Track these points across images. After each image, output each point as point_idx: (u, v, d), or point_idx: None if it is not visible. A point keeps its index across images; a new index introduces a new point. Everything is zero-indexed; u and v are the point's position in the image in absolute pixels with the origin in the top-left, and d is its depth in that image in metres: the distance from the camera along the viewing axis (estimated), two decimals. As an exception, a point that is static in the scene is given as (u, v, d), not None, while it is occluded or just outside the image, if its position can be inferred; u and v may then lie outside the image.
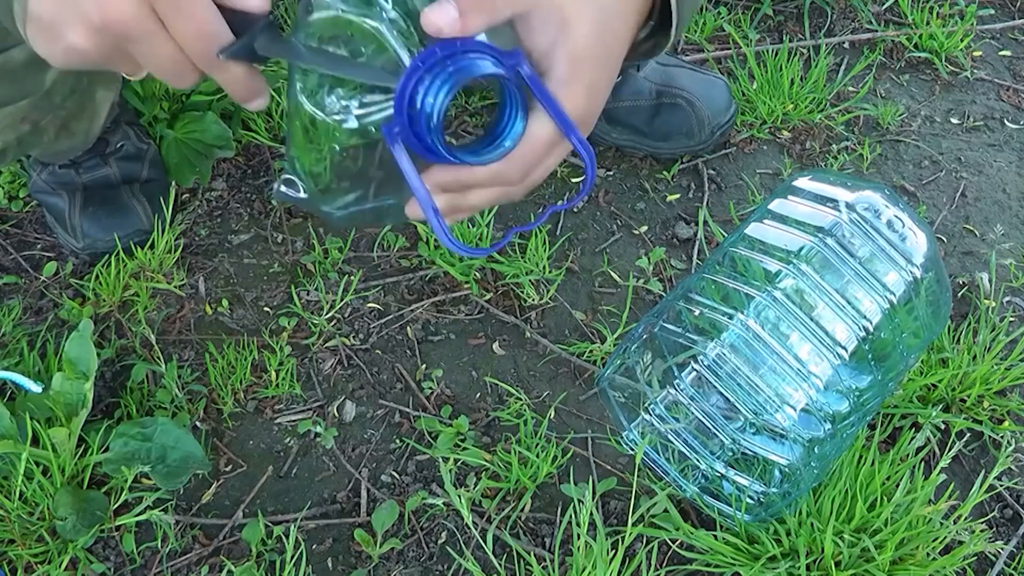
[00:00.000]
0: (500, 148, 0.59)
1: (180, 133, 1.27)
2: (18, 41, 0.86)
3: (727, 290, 0.89)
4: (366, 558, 0.96)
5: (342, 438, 1.06)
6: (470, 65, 0.55)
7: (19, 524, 0.92)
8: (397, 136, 0.56)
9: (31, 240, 1.24)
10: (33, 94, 0.93)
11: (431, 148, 0.57)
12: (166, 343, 1.12)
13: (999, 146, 1.40)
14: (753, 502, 0.95)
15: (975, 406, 1.06)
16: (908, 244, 0.87)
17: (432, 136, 0.56)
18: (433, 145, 0.56)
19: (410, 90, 0.55)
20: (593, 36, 0.60)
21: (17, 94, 0.91)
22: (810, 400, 0.86)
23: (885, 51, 1.53)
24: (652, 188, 1.31)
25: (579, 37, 0.59)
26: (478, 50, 0.56)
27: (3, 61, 0.86)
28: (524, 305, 1.17)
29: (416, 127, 0.56)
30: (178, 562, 0.96)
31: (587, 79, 0.61)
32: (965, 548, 0.92)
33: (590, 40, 0.59)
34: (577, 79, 0.60)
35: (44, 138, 1.01)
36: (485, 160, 0.59)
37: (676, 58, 1.36)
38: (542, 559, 0.95)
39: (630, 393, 1.03)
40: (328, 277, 1.18)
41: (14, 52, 0.86)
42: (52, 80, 0.93)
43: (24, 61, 0.87)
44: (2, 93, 0.90)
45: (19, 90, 0.91)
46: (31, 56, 0.87)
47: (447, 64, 0.55)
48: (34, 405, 0.96)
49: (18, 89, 0.91)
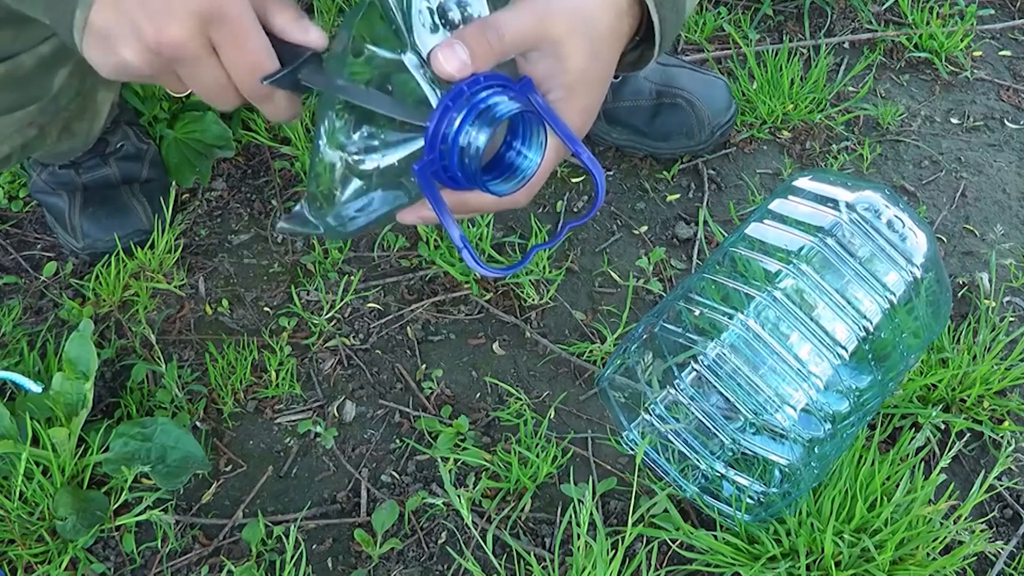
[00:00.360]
0: (522, 177, 0.62)
1: (180, 133, 1.27)
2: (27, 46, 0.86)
3: (727, 290, 0.89)
4: (366, 558, 0.96)
5: (342, 438, 1.06)
6: (500, 104, 0.58)
7: (19, 524, 0.92)
8: (428, 171, 0.59)
9: (31, 240, 1.24)
10: (41, 99, 0.93)
11: (457, 179, 0.59)
12: (166, 343, 1.12)
13: (999, 146, 1.40)
14: (753, 502, 0.95)
15: (975, 406, 1.06)
16: (908, 244, 0.87)
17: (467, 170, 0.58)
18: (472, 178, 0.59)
19: (443, 128, 0.58)
20: (585, 65, 0.64)
21: (26, 99, 0.92)
22: (810, 400, 0.86)
23: (885, 51, 1.53)
24: (652, 188, 1.31)
25: (574, 67, 0.64)
26: (498, 82, 0.59)
27: (12, 67, 0.86)
28: (524, 305, 1.17)
29: (447, 161, 0.58)
30: (178, 562, 0.96)
31: (581, 104, 0.66)
32: (965, 548, 0.92)
33: (583, 69, 0.64)
34: (573, 104, 0.65)
35: (47, 140, 1.01)
36: (508, 190, 0.62)
37: (676, 58, 1.36)
38: (542, 559, 0.95)
39: (630, 393, 1.03)
40: (328, 277, 1.18)
41: (23, 58, 0.86)
42: (59, 84, 0.93)
43: (33, 66, 0.87)
44: (11, 99, 0.90)
45: (28, 95, 0.92)
46: (39, 61, 0.88)
47: (475, 102, 0.58)
48: (34, 405, 0.96)
49: (27, 94, 0.91)
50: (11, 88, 0.88)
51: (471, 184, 0.59)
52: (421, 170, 0.58)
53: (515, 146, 0.62)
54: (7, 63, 0.85)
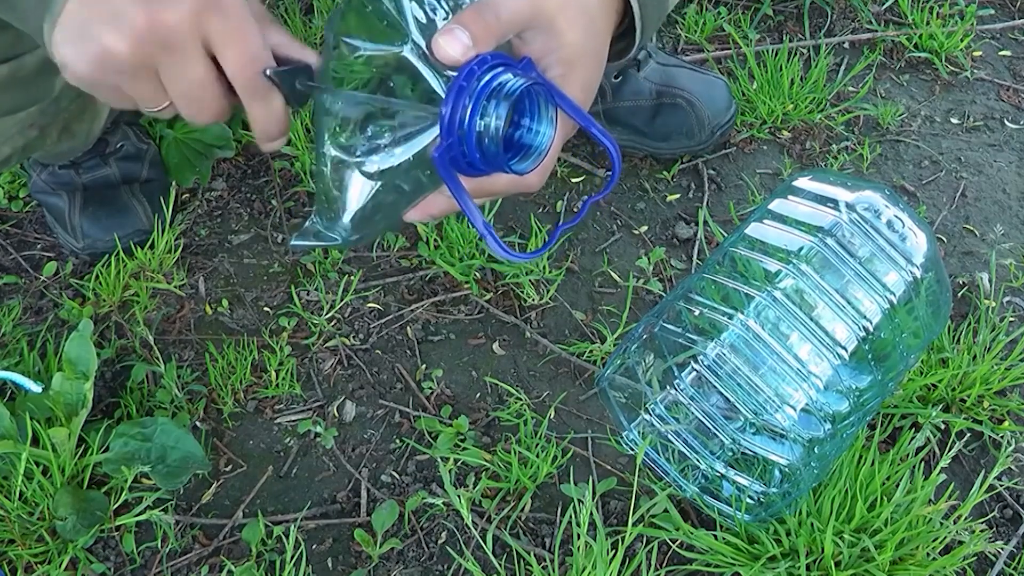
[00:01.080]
0: (539, 153, 0.62)
1: (180, 133, 1.27)
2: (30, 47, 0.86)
3: (727, 290, 0.89)
4: (366, 558, 0.96)
5: (342, 438, 1.06)
6: (511, 82, 0.57)
7: (19, 524, 0.92)
8: (446, 158, 0.58)
9: (31, 240, 1.24)
10: (43, 100, 0.93)
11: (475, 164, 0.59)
12: (166, 343, 1.13)
13: (999, 146, 1.40)
14: (753, 502, 0.95)
15: (975, 406, 1.06)
16: (908, 244, 0.87)
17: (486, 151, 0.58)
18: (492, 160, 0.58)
19: (460, 112, 0.56)
20: (582, 39, 0.64)
21: (28, 100, 0.92)
22: (810, 400, 0.86)
23: (885, 51, 1.53)
24: (652, 188, 1.31)
25: (570, 41, 0.63)
26: (501, 63, 0.58)
27: (15, 68, 0.86)
28: (524, 305, 1.17)
29: (466, 146, 0.57)
30: (178, 562, 0.96)
31: (581, 78, 0.65)
32: (965, 548, 0.92)
33: (580, 43, 0.64)
34: (573, 79, 0.64)
35: (47, 141, 1.01)
36: (529, 167, 0.62)
37: (676, 58, 1.36)
38: (542, 559, 0.95)
39: (630, 393, 1.03)
40: (328, 277, 1.18)
41: (26, 59, 0.86)
42: (60, 86, 0.93)
43: (35, 67, 0.87)
44: (14, 100, 0.90)
45: (30, 96, 0.92)
46: (42, 62, 0.88)
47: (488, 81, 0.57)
48: (34, 405, 0.96)
49: (29, 95, 0.91)
50: (14, 89, 0.89)
51: (490, 166, 0.59)
52: (440, 157, 0.57)
53: (524, 124, 0.61)
54: (10, 64, 0.85)
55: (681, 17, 1.54)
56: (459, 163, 0.58)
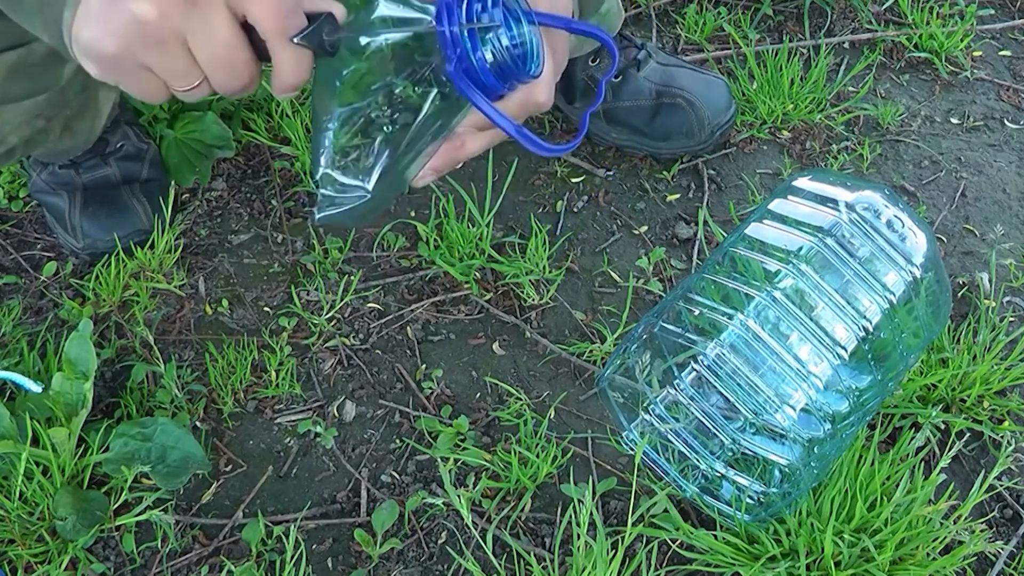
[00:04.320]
0: (536, 54, 0.63)
1: (180, 133, 1.27)
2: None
3: (727, 290, 0.89)
4: (366, 558, 0.96)
5: (342, 438, 1.06)
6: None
7: (19, 524, 0.92)
8: (460, 70, 0.60)
9: (31, 240, 1.24)
10: (51, 89, 0.93)
11: (488, 79, 0.61)
12: (166, 343, 1.13)
13: (999, 146, 1.40)
14: (753, 502, 0.95)
15: (975, 406, 1.06)
16: (908, 244, 0.87)
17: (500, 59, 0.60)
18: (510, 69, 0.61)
19: (455, 24, 0.59)
20: None
21: (36, 88, 0.92)
22: (810, 400, 0.86)
23: (885, 51, 1.53)
24: (652, 188, 1.31)
25: None
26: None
27: (24, 54, 0.86)
28: (524, 305, 1.17)
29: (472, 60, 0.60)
30: (178, 562, 0.96)
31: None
32: (965, 548, 0.92)
33: None
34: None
35: (50, 137, 1.01)
36: (536, 70, 0.64)
37: (676, 58, 1.36)
38: (542, 559, 0.95)
39: (630, 393, 1.03)
40: (328, 277, 1.18)
41: (35, 46, 0.86)
42: (68, 76, 0.94)
43: (44, 55, 0.88)
44: (23, 87, 0.91)
45: (38, 84, 0.92)
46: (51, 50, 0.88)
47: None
48: (34, 405, 0.96)
49: (38, 83, 0.92)
50: (23, 76, 0.89)
51: (505, 77, 0.61)
52: (455, 71, 0.59)
53: (506, 39, 0.62)
54: (20, 50, 0.86)
55: (681, 17, 1.54)
56: (472, 75, 0.60)
